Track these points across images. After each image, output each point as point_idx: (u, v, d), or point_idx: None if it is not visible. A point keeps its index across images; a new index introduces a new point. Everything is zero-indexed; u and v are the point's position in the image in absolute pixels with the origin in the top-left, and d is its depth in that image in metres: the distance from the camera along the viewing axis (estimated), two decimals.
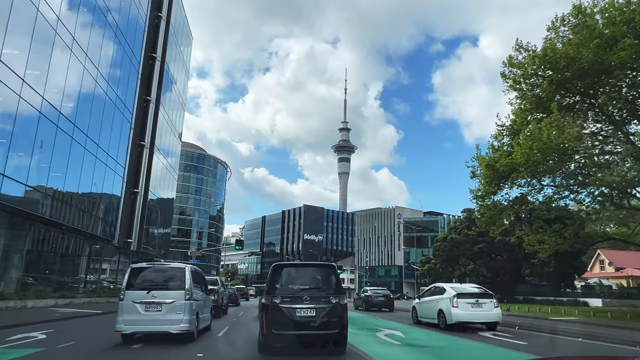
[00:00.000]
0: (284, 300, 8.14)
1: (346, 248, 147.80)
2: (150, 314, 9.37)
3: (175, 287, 9.70)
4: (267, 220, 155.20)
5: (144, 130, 36.23)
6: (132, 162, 34.37)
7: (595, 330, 13.96)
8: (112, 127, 27.91)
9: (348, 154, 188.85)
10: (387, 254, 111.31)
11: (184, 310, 9.50)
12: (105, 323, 15.06)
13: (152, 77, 37.57)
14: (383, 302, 26.41)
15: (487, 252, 53.77)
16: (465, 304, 13.83)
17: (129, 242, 34.16)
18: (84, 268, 27.85)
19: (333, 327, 8.12)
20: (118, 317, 9.43)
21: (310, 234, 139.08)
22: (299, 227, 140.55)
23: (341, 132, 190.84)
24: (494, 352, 9.71)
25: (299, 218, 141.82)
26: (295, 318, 8.00)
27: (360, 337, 11.25)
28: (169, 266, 10.66)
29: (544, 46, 22.27)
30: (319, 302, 8.20)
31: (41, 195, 20.29)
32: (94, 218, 26.69)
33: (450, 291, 14.45)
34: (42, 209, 20.52)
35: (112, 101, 27.07)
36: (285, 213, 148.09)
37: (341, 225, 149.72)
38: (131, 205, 34.71)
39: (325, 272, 9.10)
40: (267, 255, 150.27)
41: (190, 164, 77.60)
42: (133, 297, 9.46)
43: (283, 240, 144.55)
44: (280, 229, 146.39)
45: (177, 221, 76.47)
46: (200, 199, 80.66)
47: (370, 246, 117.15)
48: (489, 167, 24.45)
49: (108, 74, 26.42)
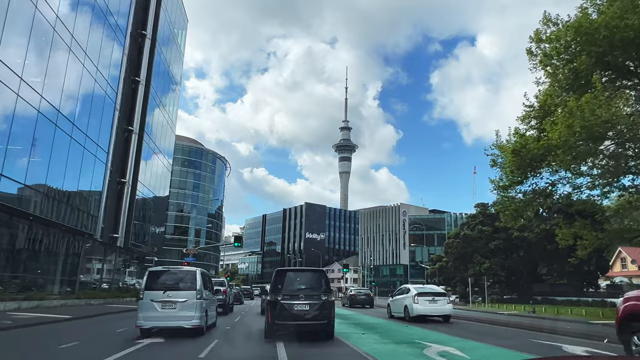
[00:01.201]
0: (284, 297, 10.22)
1: (349, 247, 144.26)
2: (166, 311, 10.51)
3: (188, 288, 10.88)
4: (268, 219, 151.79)
5: (132, 115, 32.82)
6: (118, 148, 30.97)
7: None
8: (91, 104, 24.51)
9: (349, 153, 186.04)
10: (392, 253, 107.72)
11: (196, 308, 10.68)
12: (64, 333, 11.82)
13: (141, 56, 34.17)
14: (365, 299, 30.72)
15: (503, 250, 50.29)
16: (424, 300, 17.14)
17: (115, 238, 30.74)
18: (60, 266, 24.39)
19: (322, 318, 10.27)
20: (138, 313, 10.58)
21: (312, 232, 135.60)
22: (300, 226, 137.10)
23: (342, 131, 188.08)
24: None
25: (300, 216, 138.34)
26: (293, 311, 10.08)
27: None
28: (181, 269, 11.85)
29: (578, 17, 19.81)
30: (312, 299, 10.30)
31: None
32: (70, 209, 23.30)
33: (413, 291, 17.78)
34: (2, 196, 17.16)
35: (90, 74, 23.61)
36: (287, 211, 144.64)
37: (344, 223, 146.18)
38: (117, 196, 31.30)
39: (317, 276, 11.24)
40: (268, 254, 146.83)
41: (187, 158, 74.00)
42: (151, 296, 10.58)
43: (284, 239, 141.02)
44: (281, 228, 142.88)
45: (173, 218, 73.07)
46: (198, 195, 77.08)
47: (375, 245, 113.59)
48: (516, 154, 22.06)
49: (86, 43, 22.98)
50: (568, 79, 21.80)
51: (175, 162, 74.06)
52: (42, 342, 10.51)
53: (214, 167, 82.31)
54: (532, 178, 26.00)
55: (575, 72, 20.51)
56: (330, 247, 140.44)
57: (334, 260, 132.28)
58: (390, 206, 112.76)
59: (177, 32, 44.73)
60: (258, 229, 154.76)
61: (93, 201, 26.11)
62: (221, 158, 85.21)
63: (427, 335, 12.25)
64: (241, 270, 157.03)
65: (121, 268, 37.34)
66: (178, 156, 71.91)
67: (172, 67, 42.79)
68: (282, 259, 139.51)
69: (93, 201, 26.11)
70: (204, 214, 79.07)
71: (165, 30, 39.21)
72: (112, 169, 29.66)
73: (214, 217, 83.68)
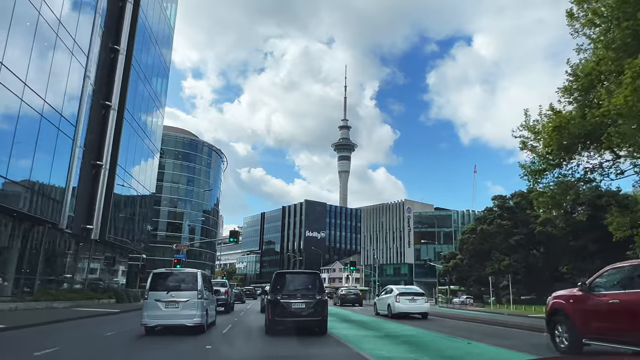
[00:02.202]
0: (283, 297, 11.58)
1: (350, 246, 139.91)
2: (169, 310, 11.23)
3: (189, 288, 11.63)
4: (267, 217, 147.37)
5: (110, 88, 28.43)
6: (93, 126, 26.59)
7: None
8: (52, 64, 20.08)
9: (348, 152, 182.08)
10: (396, 251, 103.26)
11: (197, 307, 11.38)
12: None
13: (121, 23, 29.77)
14: (354, 298, 32.51)
15: (524, 246, 45.99)
16: (405, 299, 19.09)
17: (89, 230, 26.34)
18: (13, 262, 19.89)
19: (317, 315, 11.57)
20: (143, 312, 11.31)
21: (312, 230, 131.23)
22: (300, 224, 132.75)
23: (341, 130, 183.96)
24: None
25: (300, 214, 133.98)
26: (291, 309, 11.42)
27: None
28: (183, 271, 13.05)
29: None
30: (307, 298, 11.66)
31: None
32: (25, 191, 18.92)
33: (395, 291, 19.70)
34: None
35: (46, 22, 19.14)
36: (286, 209, 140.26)
37: (344, 221, 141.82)
38: (92, 181, 26.90)
39: (312, 278, 12.59)
40: (267, 253, 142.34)
41: (181, 151, 69.24)
42: (155, 296, 11.33)
43: (283, 238, 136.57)
44: (280, 226, 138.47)
45: (166, 214, 68.50)
46: (192, 189, 72.40)
47: (378, 243, 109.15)
48: (558, 130, 19.36)
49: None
50: (625, 37, 18.01)
51: (168, 155, 69.65)
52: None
53: (209, 160, 77.65)
54: (572, 161, 22.68)
55: (636, 30, 16.77)
56: (330, 245, 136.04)
57: (334, 259, 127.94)
58: (393, 203, 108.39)
59: (167, 5, 40.34)
60: (257, 227, 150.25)
61: (56, 184, 21.68)
62: (217, 151, 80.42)
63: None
64: (239, 270, 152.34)
65: (103, 266, 32.92)
66: (170, 148, 67.57)
67: (160, 41, 38.31)
68: (281, 258, 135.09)
69: (56, 184, 21.68)
70: (199, 209, 74.12)
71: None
72: (85, 149, 25.28)
73: (209, 213, 79.04)
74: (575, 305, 7.94)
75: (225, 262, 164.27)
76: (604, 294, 7.34)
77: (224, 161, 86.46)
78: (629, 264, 7.54)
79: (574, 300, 8.06)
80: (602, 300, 7.29)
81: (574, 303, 8.01)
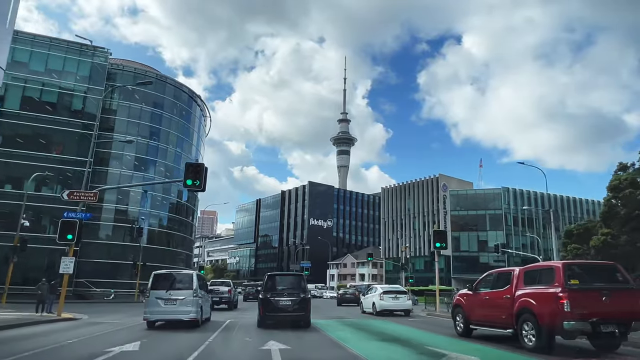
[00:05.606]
0: (272, 295, 14.00)
1: (362, 237, 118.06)
2: (168, 306, 13.46)
3: (186, 288, 13.85)
4: (263, 204, 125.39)
5: None
6: None
7: None
8: None
9: (348, 147, 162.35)
10: (428, 241, 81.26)
11: (192, 304, 13.58)
12: None
13: None
14: (351, 298, 33.97)
15: None
16: (388, 297, 21.21)
17: None
18: None
19: (301, 311, 13.89)
20: (145, 308, 13.72)
21: (316, 218, 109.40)
22: (302, 211, 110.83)
23: (340, 123, 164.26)
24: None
25: (302, 199, 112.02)
26: (279, 305, 13.77)
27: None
28: (181, 272, 15.24)
29: None
30: (293, 296, 14.03)
31: None
32: None
33: (380, 290, 22.08)
34: None
35: None
36: (285, 194, 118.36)
37: (356, 209, 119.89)
38: None
39: (298, 279, 15.12)
40: (263, 246, 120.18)
41: (139, 89, 46.94)
42: (156, 294, 13.56)
43: (283, 228, 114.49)
44: (279, 214, 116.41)
45: (105, 176, 45.98)
46: (157, 147, 50.32)
47: (403, 231, 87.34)
48: None
49: None
50: None
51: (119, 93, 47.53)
52: None
53: (185, 109, 55.22)
54: None
55: None
56: (339, 236, 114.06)
57: (344, 252, 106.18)
58: (424, 179, 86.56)
59: None
60: (252, 216, 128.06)
61: None
62: (195, 99, 57.83)
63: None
64: (231, 266, 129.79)
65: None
66: (124, 83, 45.29)
67: None
68: (280, 250, 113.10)
69: None
70: (166, 174, 51.17)
71: None
72: None
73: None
74: (466, 300, 11.96)
75: (218, 258, 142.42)
76: (481, 293, 11.40)
77: (207, 114, 63.97)
78: (495, 271, 11.87)
79: (466, 297, 12.05)
80: (480, 297, 11.32)
81: (466, 299, 12.01)
